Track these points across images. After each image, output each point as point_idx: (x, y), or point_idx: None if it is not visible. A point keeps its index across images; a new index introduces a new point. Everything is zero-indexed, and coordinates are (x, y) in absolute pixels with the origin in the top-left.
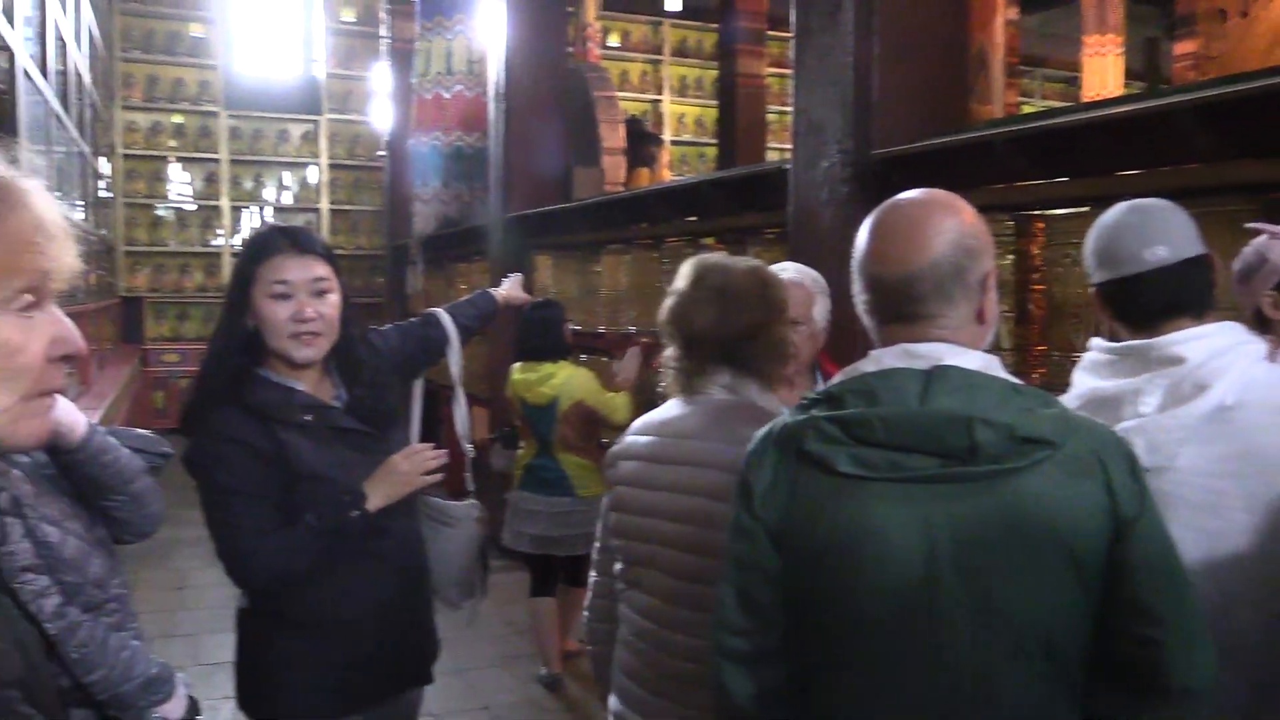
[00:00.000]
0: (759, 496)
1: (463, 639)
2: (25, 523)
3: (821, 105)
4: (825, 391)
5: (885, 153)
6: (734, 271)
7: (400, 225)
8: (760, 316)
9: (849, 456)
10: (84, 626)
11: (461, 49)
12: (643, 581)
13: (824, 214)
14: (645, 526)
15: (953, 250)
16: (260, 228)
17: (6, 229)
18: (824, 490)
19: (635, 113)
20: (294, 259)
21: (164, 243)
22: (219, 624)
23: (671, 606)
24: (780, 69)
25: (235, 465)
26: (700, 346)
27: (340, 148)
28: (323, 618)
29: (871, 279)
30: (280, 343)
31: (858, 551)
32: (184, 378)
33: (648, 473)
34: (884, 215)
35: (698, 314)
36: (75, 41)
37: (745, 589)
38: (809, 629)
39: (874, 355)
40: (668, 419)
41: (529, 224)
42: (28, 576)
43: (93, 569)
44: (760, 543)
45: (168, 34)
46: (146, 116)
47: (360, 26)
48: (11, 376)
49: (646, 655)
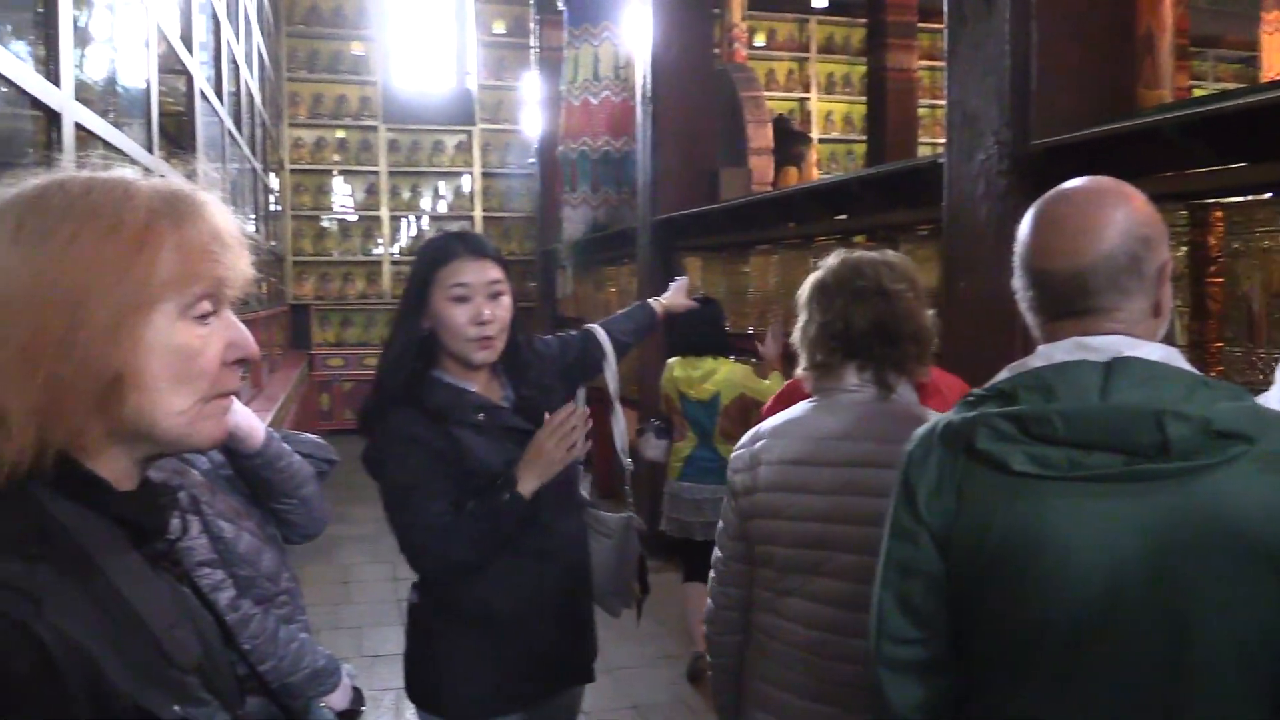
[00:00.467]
0: (923, 498)
1: (613, 638)
2: (203, 519)
3: (977, 95)
4: (993, 387)
5: (1045, 143)
6: (892, 269)
7: (550, 230)
8: (916, 313)
9: (1025, 455)
10: (256, 619)
11: (608, 55)
12: (804, 588)
13: (980, 208)
14: (810, 532)
15: (1127, 241)
16: (435, 234)
17: (185, 238)
18: (996, 491)
19: (782, 111)
20: (472, 263)
21: (328, 252)
22: (381, 617)
23: (845, 611)
24: (931, 61)
25: (412, 463)
26: (852, 344)
27: (492, 156)
28: (490, 613)
29: (1038, 274)
30: (460, 345)
31: (1033, 556)
32: (347, 381)
33: (802, 476)
34: (1049, 206)
35: (857, 313)
36: (247, 64)
37: (907, 595)
38: (976, 638)
39: (1043, 350)
40: (819, 421)
41: (677, 226)
42: (204, 570)
43: (265, 564)
44: (924, 546)
45: (331, 54)
46: (311, 132)
47: (510, 38)
48: (190, 379)
49: (811, 664)
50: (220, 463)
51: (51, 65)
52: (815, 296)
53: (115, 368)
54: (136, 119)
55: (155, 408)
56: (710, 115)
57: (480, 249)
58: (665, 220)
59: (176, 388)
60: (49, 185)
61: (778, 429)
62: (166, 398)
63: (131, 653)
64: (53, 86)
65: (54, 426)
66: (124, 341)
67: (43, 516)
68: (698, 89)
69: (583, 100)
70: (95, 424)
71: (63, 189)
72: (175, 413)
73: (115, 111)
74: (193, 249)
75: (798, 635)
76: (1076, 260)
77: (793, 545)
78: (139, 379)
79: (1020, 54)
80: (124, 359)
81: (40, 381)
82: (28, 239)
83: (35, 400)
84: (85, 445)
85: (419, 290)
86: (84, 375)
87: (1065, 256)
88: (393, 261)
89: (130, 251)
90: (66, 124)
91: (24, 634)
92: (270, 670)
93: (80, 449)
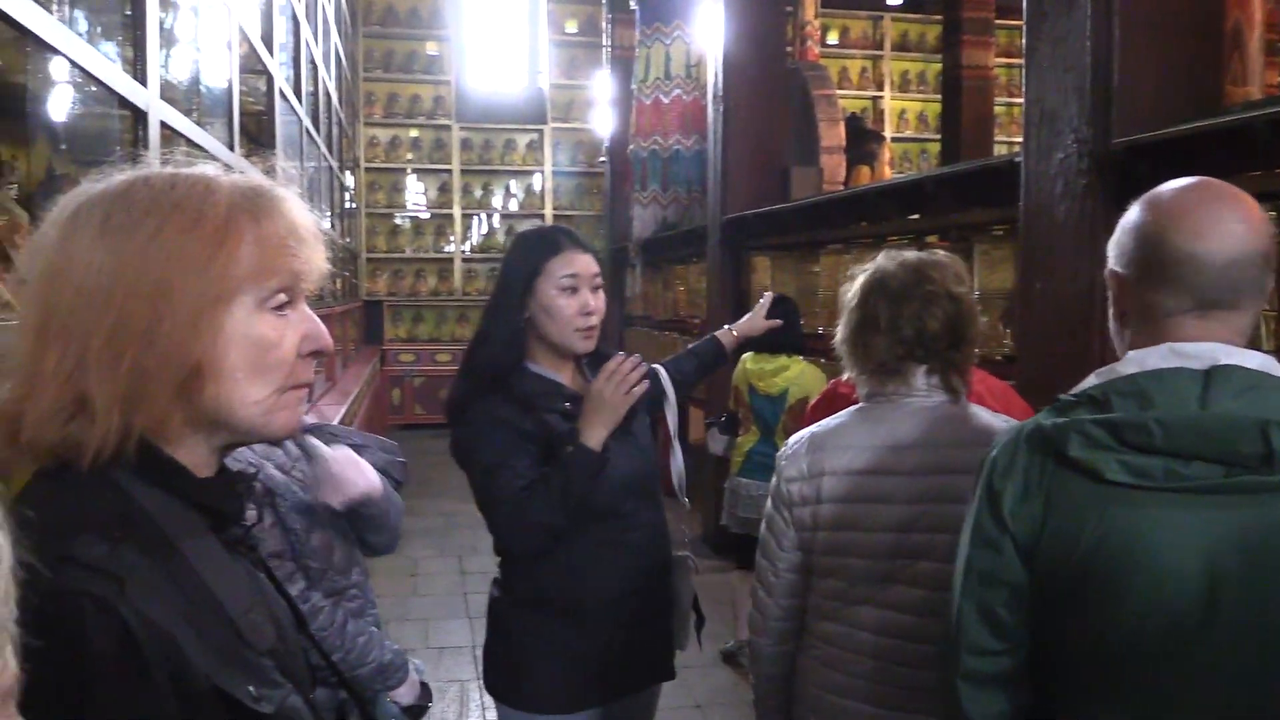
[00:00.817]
0: (1008, 505)
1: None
2: (276, 512)
3: (1056, 92)
4: (1083, 393)
5: (1127, 141)
6: (953, 271)
7: (620, 229)
8: (977, 316)
9: (1119, 463)
10: (325, 611)
11: (680, 53)
12: (878, 596)
13: (1059, 208)
14: (888, 541)
15: (1265, 241)
16: (536, 228)
17: (264, 233)
18: (1087, 500)
19: (855, 110)
20: (580, 255)
21: (401, 249)
22: (448, 610)
23: (923, 618)
24: (1008, 59)
25: (499, 443)
26: (924, 348)
27: (563, 155)
28: (572, 607)
29: (1183, 256)
30: (566, 335)
31: (1125, 568)
32: (418, 377)
33: (880, 487)
34: (1190, 192)
35: (929, 316)
36: (325, 64)
37: (988, 605)
38: (1061, 652)
39: (1134, 356)
40: (886, 428)
41: (747, 225)
42: (274, 562)
43: (336, 558)
44: (1007, 555)
45: (406, 54)
46: (386, 131)
47: (582, 37)
48: (267, 370)
49: (885, 671)
50: (296, 456)
51: (139, 65)
52: (875, 299)
53: (196, 357)
54: (219, 118)
55: (232, 397)
56: (782, 114)
57: (584, 243)
58: (735, 219)
59: (253, 378)
60: (134, 181)
61: (837, 438)
62: (244, 387)
63: (209, 634)
64: (139, 86)
65: (137, 413)
66: (204, 332)
67: (125, 500)
68: (769, 87)
69: (654, 99)
70: (176, 412)
71: (147, 184)
72: (252, 402)
73: (198, 110)
74: (271, 243)
75: (870, 643)
76: (1231, 246)
77: (869, 556)
78: (218, 368)
79: (1102, 50)
80: (204, 349)
81: (125, 370)
82: (114, 232)
83: (120, 388)
84: (166, 432)
85: (526, 280)
86: (166, 364)
87: (1221, 240)
88: (464, 259)
89: (211, 245)
90: (152, 122)
91: (108, 613)
92: (338, 663)
93: (161, 436)
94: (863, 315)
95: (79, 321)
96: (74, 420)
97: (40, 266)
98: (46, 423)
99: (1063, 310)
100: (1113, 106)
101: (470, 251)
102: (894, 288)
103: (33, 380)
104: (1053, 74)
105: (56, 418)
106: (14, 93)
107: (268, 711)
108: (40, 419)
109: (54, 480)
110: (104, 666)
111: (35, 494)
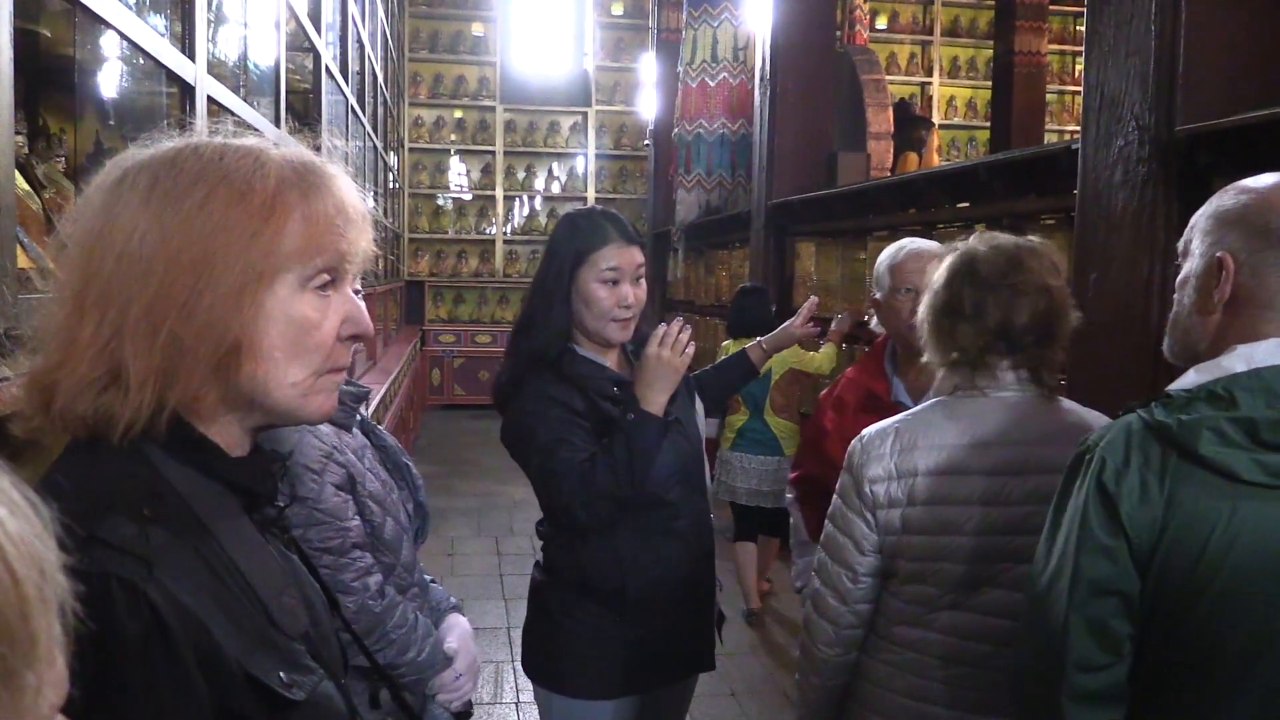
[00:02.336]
0: (1126, 509)
1: None
2: (357, 499)
3: (1118, 78)
4: (1201, 388)
5: (1192, 128)
6: (1052, 259)
7: (663, 213)
8: (1070, 309)
9: (1254, 462)
10: (399, 608)
11: (727, 36)
12: (968, 601)
13: (1117, 197)
14: (990, 545)
15: None
16: (586, 210)
17: (312, 210)
18: (1218, 500)
19: (904, 96)
20: (624, 248)
21: (443, 230)
22: (484, 590)
23: (1018, 623)
24: (1060, 45)
25: (554, 420)
26: (1001, 340)
27: (607, 138)
28: (616, 594)
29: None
30: (601, 324)
31: (1256, 570)
32: (458, 358)
33: (977, 488)
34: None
35: (1017, 306)
36: (371, 44)
37: (1100, 618)
38: (1176, 664)
39: (1242, 351)
40: (975, 425)
41: (792, 210)
42: (356, 554)
43: (404, 552)
44: (1122, 562)
45: (452, 34)
46: (431, 112)
47: (629, 19)
48: (306, 351)
49: (971, 677)
50: (362, 443)
51: (187, 40)
52: (962, 283)
53: (235, 334)
54: (265, 95)
55: (269, 377)
56: (829, 98)
57: (630, 234)
58: (780, 204)
59: (292, 359)
60: (183, 148)
61: (927, 437)
62: (282, 368)
63: (240, 618)
64: (188, 60)
65: (171, 388)
66: (246, 308)
67: (155, 478)
68: (817, 71)
69: (700, 82)
70: (211, 389)
71: (196, 153)
72: (289, 384)
73: (245, 87)
74: (318, 221)
75: (955, 646)
76: None
77: (966, 561)
78: (257, 347)
79: (1167, 34)
80: (244, 326)
81: (161, 342)
82: (159, 199)
83: (155, 361)
84: (200, 410)
85: (571, 267)
86: (204, 339)
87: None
88: (505, 241)
89: (259, 219)
90: (200, 97)
91: (136, 596)
92: (405, 664)
93: (194, 413)
94: (947, 298)
95: (119, 289)
96: (107, 391)
97: (82, 231)
98: (80, 392)
99: (1119, 301)
100: (1177, 92)
101: (512, 233)
102: (983, 273)
103: (68, 348)
104: (1115, 58)
105: (90, 388)
106: (63, 65)
107: (299, 698)
108: (74, 388)
109: (85, 454)
110: (132, 650)
111: (66, 468)
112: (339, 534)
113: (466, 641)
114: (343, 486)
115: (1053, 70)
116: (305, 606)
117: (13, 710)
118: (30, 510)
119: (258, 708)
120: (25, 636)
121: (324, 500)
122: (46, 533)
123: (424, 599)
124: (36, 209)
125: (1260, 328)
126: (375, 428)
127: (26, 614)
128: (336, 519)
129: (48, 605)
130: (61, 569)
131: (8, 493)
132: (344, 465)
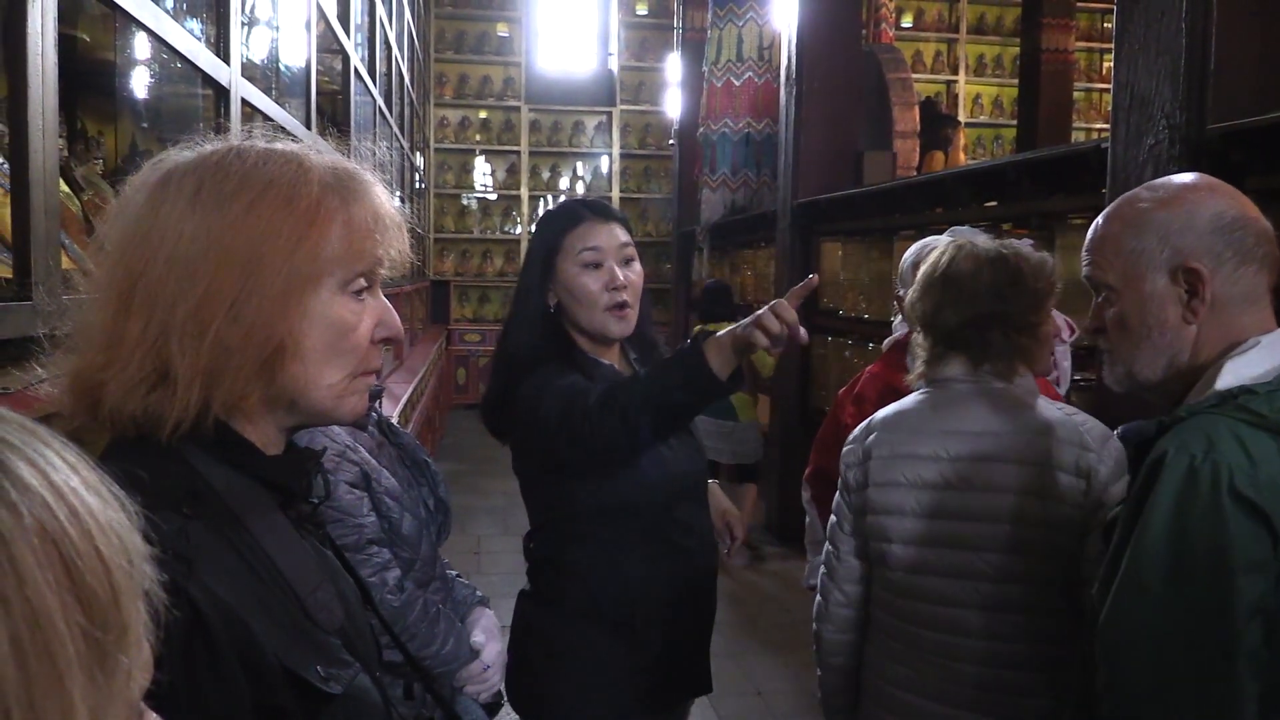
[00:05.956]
0: (1274, 510)
1: (740, 623)
2: (373, 497)
3: (1148, 76)
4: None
5: (1223, 127)
6: (1032, 256)
7: (688, 213)
8: (1048, 307)
9: None
10: (420, 602)
11: (752, 35)
12: (915, 588)
13: None
14: (961, 531)
15: None
16: (557, 204)
17: (352, 217)
18: None
19: (930, 94)
20: (600, 225)
21: (468, 230)
22: (511, 588)
23: (1000, 614)
24: (1088, 42)
25: (569, 382)
26: (950, 339)
27: (632, 137)
28: (624, 619)
29: (1270, 235)
30: (594, 316)
31: None
32: (483, 357)
33: (934, 472)
34: (1216, 182)
35: (993, 298)
36: (398, 45)
37: (1252, 643)
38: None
39: (1269, 339)
40: (949, 414)
41: (818, 210)
42: (372, 549)
43: (423, 547)
44: (1274, 575)
45: (477, 35)
46: (456, 112)
47: (653, 18)
48: (343, 354)
49: (949, 669)
50: (379, 440)
51: (221, 43)
52: (952, 270)
53: (280, 336)
54: (296, 97)
55: (309, 379)
56: (855, 97)
57: (606, 212)
58: (806, 204)
59: (330, 361)
60: (227, 153)
61: (883, 424)
62: (321, 370)
63: (277, 613)
64: (222, 63)
65: (217, 388)
66: (291, 311)
67: (194, 477)
68: (843, 70)
69: (725, 81)
70: (255, 389)
71: (240, 158)
72: (326, 385)
73: (277, 89)
74: (358, 227)
75: (914, 637)
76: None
77: (918, 544)
78: (299, 349)
79: (1198, 31)
80: (289, 328)
81: (209, 343)
82: (206, 203)
83: (203, 361)
84: (242, 409)
85: (544, 259)
86: (250, 341)
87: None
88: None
89: (303, 224)
90: (234, 99)
91: (177, 594)
92: (430, 656)
93: (236, 413)
94: (915, 300)
95: (165, 290)
96: (155, 391)
97: (124, 233)
98: (129, 392)
99: None
100: (1208, 90)
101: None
102: (939, 278)
103: (113, 348)
104: (1146, 56)
105: (139, 387)
106: (102, 69)
107: (336, 691)
108: (123, 387)
109: (128, 453)
110: (174, 648)
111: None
112: (354, 530)
113: (493, 633)
114: (356, 484)
115: (1080, 67)
116: (340, 601)
117: (107, 693)
118: (118, 502)
119: (296, 702)
120: (118, 622)
121: (337, 498)
122: (132, 524)
123: (446, 593)
124: (76, 211)
125: (1242, 321)
126: (392, 424)
127: (119, 600)
128: (351, 515)
129: (136, 592)
130: (147, 558)
131: (98, 485)
132: (358, 463)
